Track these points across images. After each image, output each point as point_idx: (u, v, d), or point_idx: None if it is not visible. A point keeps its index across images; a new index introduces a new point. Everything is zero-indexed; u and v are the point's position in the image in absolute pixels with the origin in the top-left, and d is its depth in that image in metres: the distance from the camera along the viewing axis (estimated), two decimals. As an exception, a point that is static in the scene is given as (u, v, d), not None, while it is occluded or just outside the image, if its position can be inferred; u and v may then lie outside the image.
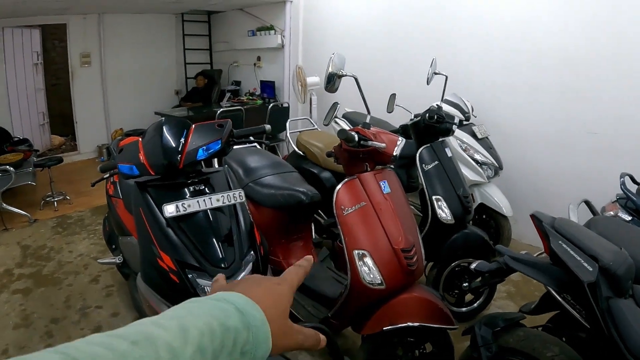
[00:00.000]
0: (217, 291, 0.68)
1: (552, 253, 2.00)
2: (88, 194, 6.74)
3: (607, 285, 1.85)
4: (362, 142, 2.58)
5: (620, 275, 1.83)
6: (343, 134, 2.58)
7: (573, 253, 1.92)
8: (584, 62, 4.37)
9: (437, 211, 3.37)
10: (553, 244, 1.99)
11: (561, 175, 4.72)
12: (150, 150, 2.23)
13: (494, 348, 2.15)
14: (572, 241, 1.96)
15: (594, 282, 1.82)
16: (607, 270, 1.83)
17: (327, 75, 2.71)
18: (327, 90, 2.75)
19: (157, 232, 2.20)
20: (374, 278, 2.48)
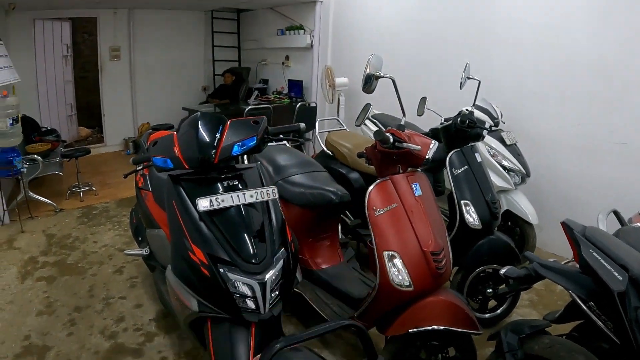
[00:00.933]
0: None
1: (582, 261, 1.99)
2: (114, 186, 6.83)
3: (637, 295, 1.82)
4: (397, 143, 2.59)
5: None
6: (379, 135, 2.59)
7: (603, 262, 1.91)
8: (615, 71, 4.33)
9: (465, 216, 3.37)
10: (584, 252, 1.98)
11: (588, 184, 4.67)
12: (186, 144, 2.24)
13: (520, 355, 2.14)
14: (602, 250, 1.95)
15: (623, 292, 1.80)
16: (636, 280, 1.81)
17: (365, 76, 2.71)
18: (364, 91, 2.75)
19: (189, 226, 2.21)
20: (403, 280, 2.49)
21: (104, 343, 3.35)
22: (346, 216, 4.18)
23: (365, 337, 1.43)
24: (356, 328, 1.42)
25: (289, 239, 2.36)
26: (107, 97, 8.83)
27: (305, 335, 1.38)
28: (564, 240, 2.19)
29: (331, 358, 3.22)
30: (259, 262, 2.17)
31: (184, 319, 2.37)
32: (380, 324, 2.73)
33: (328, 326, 1.42)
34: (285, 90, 8.78)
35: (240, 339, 2.16)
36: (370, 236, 2.61)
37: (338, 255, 3.57)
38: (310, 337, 1.38)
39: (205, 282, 2.15)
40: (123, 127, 9.11)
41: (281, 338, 1.39)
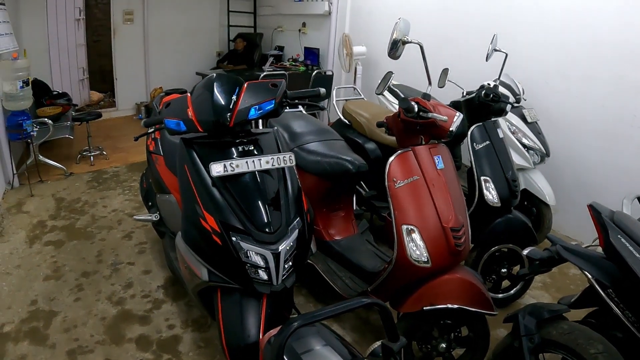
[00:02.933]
0: None
1: (609, 247, 1.94)
2: (125, 150, 6.78)
3: None
4: (422, 113, 2.49)
5: None
6: (404, 103, 2.49)
7: (632, 249, 1.86)
8: (641, 54, 4.21)
9: (484, 192, 3.30)
10: (612, 238, 1.93)
11: (608, 168, 4.57)
12: (200, 106, 2.16)
13: (537, 339, 2.09)
14: (631, 237, 1.90)
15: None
16: None
17: (392, 41, 2.59)
18: (390, 57, 2.64)
19: (202, 192, 2.14)
20: (421, 255, 2.42)
21: (111, 309, 3.32)
22: (361, 187, 4.11)
23: (388, 317, 1.35)
24: (379, 307, 1.34)
25: (305, 208, 2.30)
26: (119, 61, 8.72)
27: (323, 313, 1.30)
28: (579, 223, 2.14)
29: (340, 331, 3.17)
30: (273, 231, 2.11)
31: (193, 287, 2.32)
32: (394, 299, 2.66)
33: (349, 304, 1.34)
34: (301, 58, 8.67)
35: (251, 311, 2.12)
36: (389, 209, 2.53)
37: (352, 227, 3.50)
38: (329, 315, 1.30)
39: (217, 251, 2.10)
40: (135, 91, 9.02)
41: (298, 316, 1.31)
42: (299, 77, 7.77)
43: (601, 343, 1.94)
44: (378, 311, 1.35)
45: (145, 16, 8.75)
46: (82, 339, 3.02)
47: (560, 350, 2.06)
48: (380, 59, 6.91)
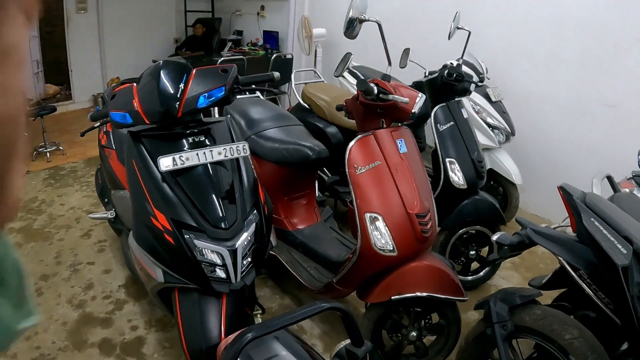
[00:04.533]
0: None
1: (582, 230, 1.88)
2: (82, 144, 6.55)
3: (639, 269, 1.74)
4: (382, 95, 2.38)
5: None
6: (363, 85, 2.36)
7: (607, 233, 1.80)
8: (607, 33, 4.18)
9: (450, 175, 3.23)
10: (585, 222, 1.86)
11: (574, 146, 4.57)
12: (146, 96, 2.05)
13: (510, 326, 2.03)
14: (604, 219, 1.84)
15: (627, 266, 1.70)
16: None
17: (347, 20, 2.47)
18: (346, 36, 2.52)
19: (151, 188, 2.03)
20: (386, 244, 2.33)
21: (72, 313, 3.19)
22: (323, 172, 4.01)
23: (350, 322, 1.25)
24: (340, 312, 1.25)
25: (262, 200, 2.20)
26: (74, 52, 8.44)
27: (279, 323, 1.19)
28: (547, 201, 2.09)
29: (309, 323, 3.09)
30: (228, 226, 2.01)
31: (150, 289, 2.22)
32: (360, 289, 2.59)
33: (307, 310, 1.24)
34: (260, 42, 8.52)
35: (211, 311, 2.02)
36: (351, 196, 2.44)
37: (315, 215, 3.42)
38: (285, 325, 1.20)
39: (170, 251, 1.99)
40: (92, 82, 8.74)
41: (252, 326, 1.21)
42: (259, 61, 7.64)
43: (576, 328, 1.91)
44: (340, 316, 1.26)
45: (100, 4, 8.47)
46: (44, 346, 2.89)
47: (534, 336, 2.02)
48: (340, 40, 6.78)
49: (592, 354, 1.83)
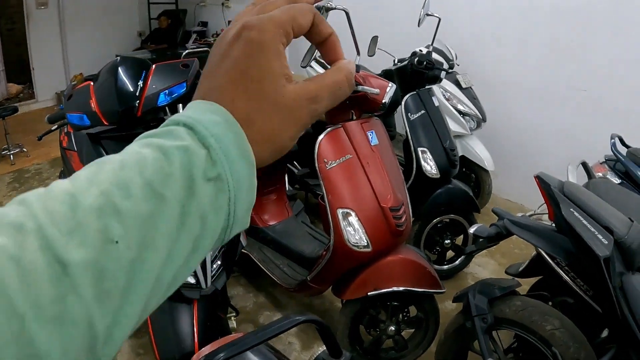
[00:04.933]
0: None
1: (562, 221, 1.85)
2: (47, 145, 6.33)
3: (620, 259, 1.73)
4: None
5: (634, 249, 1.72)
6: None
7: (587, 224, 1.77)
8: (577, 18, 4.18)
9: (422, 164, 3.19)
10: (565, 212, 1.84)
11: (545, 131, 4.57)
12: (103, 95, 1.95)
13: (490, 319, 2.01)
14: (583, 209, 1.82)
15: (608, 257, 1.68)
16: (622, 244, 1.71)
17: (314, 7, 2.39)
18: None
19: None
20: (360, 239, 2.28)
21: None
22: (293, 165, 3.92)
23: (327, 334, 1.19)
24: (317, 324, 1.18)
25: (230, 199, 2.10)
26: (35, 49, 8.21)
27: (251, 341, 1.12)
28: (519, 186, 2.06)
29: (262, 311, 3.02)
30: (195, 229, 1.91)
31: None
32: (336, 286, 2.55)
33: (281, 325, 1.17)
34: (226, 33, 8.35)
35: (183, 318, 1.94)
36: (322, 192, 2.38)
37: (286, 210, 3.35)
38: (259, 342, 1.13)
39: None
40: (55, 80, 8.53)
41: (223, 346, 1.14)
42: (224, 53, 7.47)
43: (557, 318, 1.91)
44: (317, 329, 1.19)
45: (60, -1, 8.27)
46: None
47: (515, 328, 2.02)
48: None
49: (574, 343, 1.83)
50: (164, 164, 0.38)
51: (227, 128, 0.41)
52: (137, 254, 0.36)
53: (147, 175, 0.37)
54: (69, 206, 0.35)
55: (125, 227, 0.35)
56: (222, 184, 0.40)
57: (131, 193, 0.36)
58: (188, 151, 0.39)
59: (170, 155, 0.38)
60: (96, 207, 0.35)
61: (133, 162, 0.38)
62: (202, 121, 0.41)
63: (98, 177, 0.37)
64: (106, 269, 0.34)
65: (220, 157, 0.40)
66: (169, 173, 0.38)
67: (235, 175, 0.41)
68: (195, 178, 0.39)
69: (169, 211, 0.37)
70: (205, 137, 0.40)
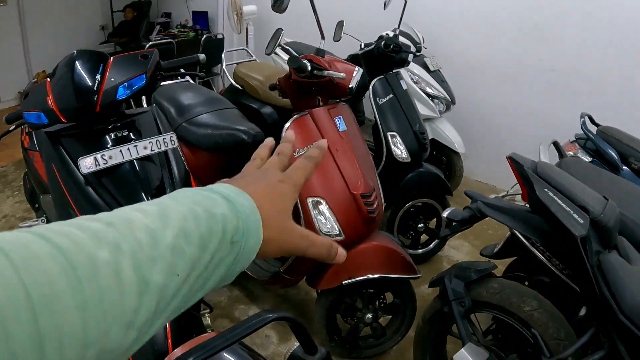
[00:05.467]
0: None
1: (536, 202, 1.83)
2: (11, 146, 6.15)
3: (597, 238, 1.72)
4: (316, 71, 2.26)
5: (610, 228, 1.72)
6: (294, 62, 2.24)
7: (562, 203, 1.75)
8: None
9: (392, 149, 3.17)
10: (539, 192, 1.82)
11: (515, 112, 4.60)
12: (60, 92, 1.86)
13: (467, 302, 2.00)
14: (558, 189, 1.80)
15: (585, 236, 1.67)
16: (598, 223, 1.69)
17: None
18: (274, 10, 2.38)
19: (74, 193, 1.86)
20: (332, 228, 2.26)
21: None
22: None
23: (302, 331, 1.14)
24: (290, 321, 1.13)
25: (195, 192, 2.04)
26: (-5, 48, 8.02)
27: (223, 342, 1.07)
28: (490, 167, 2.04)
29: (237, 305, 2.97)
30: (160, 225, 1.84)
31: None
32: (310, 276, 2.51)
33: (252, 324, 1.12)
34: (190, 23, 8.29)
35: None
36: None
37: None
38: (231, 343, 1.08)
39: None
40: (17, 78, 8.26)
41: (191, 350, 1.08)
42: (189, 43, 7.46)
43: (535, 299, 1.91)
44: (289, 326, 1.14)
45: (19, -6, 8.06)
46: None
47: (493, 310, 2.02)
48: (272, 17, 6.64)
49: (553, 323, 1.83)
50: (212, 223, 0.51)
51: (252, 212, 0.55)
52: (181, 285, 0.47)
53: (201, 229, 0.50)
54: (152, 239, 0.46)
55: (184, 264, 0.47)
56: (235, 248, 0.53)
57: (192, 241, 0.48)
58: (227, 219, 0.52)
59: (217, 217, 0.52)
60: (171, 246, 0.47)
61: (191, 217, 0.50)
62: (236, 200, 0.55)
63: (169, 220, 0.49)
64: (166, 293, 0.46)
65: (244, 231, 0.54)
66: (215, 232, 0.51)
67: (245, 247, 0.54)
68: (225, 238, 0.52)
69: (206, 257, 0.50)
70: (238, 210, 0.54)
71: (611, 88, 4.00)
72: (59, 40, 8.46)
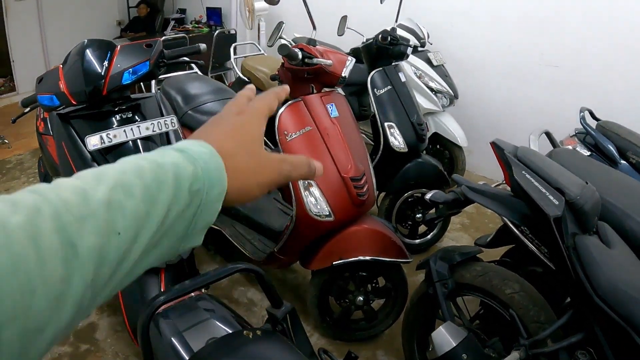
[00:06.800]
0: None
1: (515, 184, 1.88)
2: (28, 136, 6.35)
3: (574, 220, 1.74)
4: (307, 59, 2.35)
5: (587, 211, 1.73)
6: (284, 49, 2.33)
7: (538, 185, 1.79)
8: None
9: (390, 138, 3.23)
10: (516, 174, 1.86)
11: (518, 107, 4.64)
12: (71, 76, 2.00)
13: (450, 284, 2.06)
14: (536, 172, 1.83)
15: (559, 217, 1.70)
16: (573, 205, 1.71)
17: None
18: (267, 2, 2.49)
19: (81, 168, 1.96)
20: (322, 209, 2.33)
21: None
22: (265, 144, 3.94)
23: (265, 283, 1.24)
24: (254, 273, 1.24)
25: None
26: (15, 41, 8.10)
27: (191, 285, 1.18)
28: (494, 162, 2.08)
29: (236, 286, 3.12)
30: (160, 201, 1.96)
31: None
32: (303, 257, 2.59)
33: (221, 271, 1.23)
34: (204, 19, 8.38)
35: (150, 287, 1.99)
36: None
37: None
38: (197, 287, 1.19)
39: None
40: (35, 71, 8.21)
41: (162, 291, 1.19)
42: (203, 38, 7.47)
43: (517, 282, 1.94)
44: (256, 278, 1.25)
45: (38, -10, 8.20)
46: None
47: (476, 293, 2.05)
48: (283, 13, 6.75)
49: (534, 307, 1.87)
50: (160, 173, 0.45)
51: (211, 157, 0.51)
52: (129, 246, 0.43)
53: (146, 180, 0.44)
54: (82, 197, 0.40)
55: (126, 222, 0.42)
56: (196, 198, 0.48)
57: (133, 194, 0.43)
58: (179, 167, 0.47)
59: (165, 166, 0.46)
60: (105, 201, 0.41)
61: (132, 169, 0.45)
62: (191, 148, 0.50)
63: (103, 177, 0.43)
64: (107, 257, 0.40)
65: (204, 179, 0.48)
66: (163, 181, 0.45)
67: (208, 196, 0.49)
68: (181, 187, 0.46)
69: (157, 211, 0.45)
70: (194, 158, 0.49)
71: (613, 83, 4.03)
72: (76, 35, 8.42)
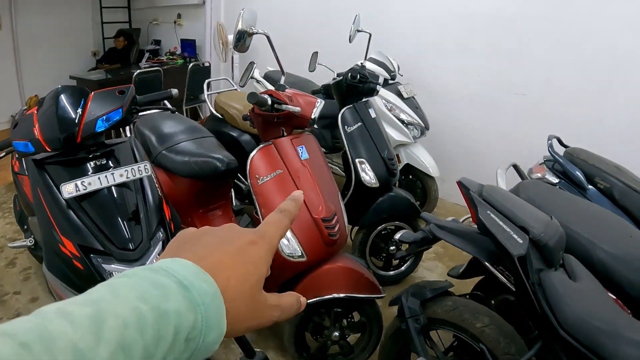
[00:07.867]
0: (165, 256, 0.53)
1: (480, 223, 1.91)
2: (3, 169, 6.32)
3: (538, 257, 1.78)
4: (276, 105, 2.41)
5: (551, 247, 1.77)
6: (253, 98, 2.36)
7: (502, 224, 1.83)
8: (514, 24, 4.39)
9: (361, 174, 3.28)
10: (481, 215, 1.90)
11: (488, 135, 4.75)
12: (45, 123, 2.02)
13: (422, 320, 2.09)
14: (501, 211, 1.88)
15: (524, 256, 1.74)
16: (538, 242, 1.75)
17: (237, 33, 2.52)
18: (236, 50, 2.56)
19: (57, 215, 2.00)
20: (294, 250, 2.38)
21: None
22: (240, 181, 3.98)
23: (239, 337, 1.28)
24: None
25: (168, 217, 2.20)
26: (-12, 71, 8.14)
27: None
28: None
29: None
30: (135, 247, 2.01)
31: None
32: (278, 295, 2.60)
33: None
34: (179, 51, 8.44)
35: None
36: (255, 207, 2.47)
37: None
38: None
39: (81, 276, 1.97)
40: (9, 102, 8.32)
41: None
42: (177, 70, 7.58)
43: (487, 315, 1.97)
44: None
45: (14, 20, 8.12)
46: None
47: (448, 327, 2.08)
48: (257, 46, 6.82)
49: (504, 339, 1.90)
50: (162, 326, 0.42)
51: (214, 299, 0.47)
52: None
53: (146, 339, 0.41)
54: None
55: None
56: (191, 345, 0.45)
57: (133, 357, 0.40)
58: (181, 316, 0.44)
59: (168, 316, 0.43)
60: None
61: (135, 321, 0.41)
62: (195, 285, 0.46)
63: (104, 331, 0.39)
64: None
65: (202, 326, 0.46)
66: (163, 336, 0.42)
67: (204, 341, 0.46)
68: (178, 339, 0.44)
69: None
70: (196, 302, 0.45)
71: (580, 111, 4.15)
72: (51, 66, 8.53)
